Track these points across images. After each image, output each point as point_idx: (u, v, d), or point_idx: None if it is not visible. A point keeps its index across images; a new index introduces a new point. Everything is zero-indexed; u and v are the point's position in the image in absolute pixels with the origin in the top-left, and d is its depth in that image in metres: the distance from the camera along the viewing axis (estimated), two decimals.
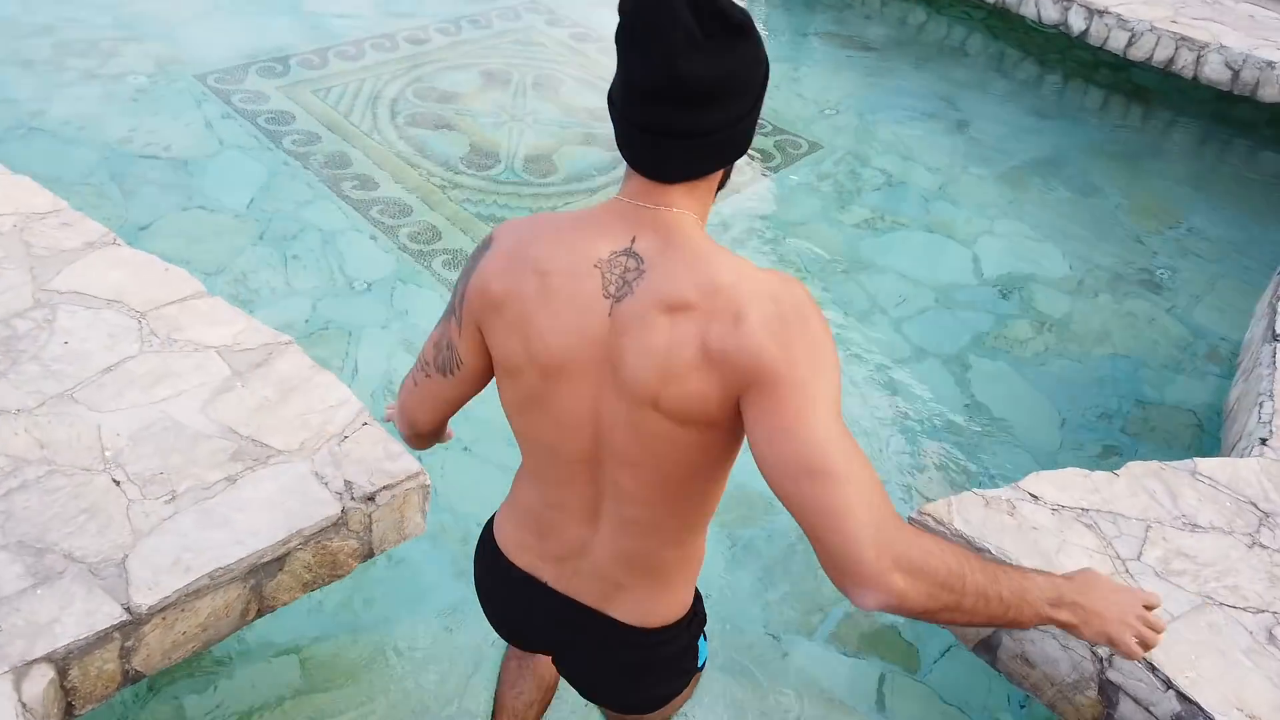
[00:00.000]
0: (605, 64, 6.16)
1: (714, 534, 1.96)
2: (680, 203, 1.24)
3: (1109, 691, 1.92)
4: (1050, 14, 6.11)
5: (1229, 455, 2.74)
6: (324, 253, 4.27)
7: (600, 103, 5.64)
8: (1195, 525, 2.21)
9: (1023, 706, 2.57)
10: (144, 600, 1.92)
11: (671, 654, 1.55)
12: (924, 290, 4.49)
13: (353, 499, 2.21)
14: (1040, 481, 2.30)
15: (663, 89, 1.13)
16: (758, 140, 5.52)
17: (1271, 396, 2.63)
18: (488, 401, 1.56)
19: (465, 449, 3.39)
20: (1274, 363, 2.77)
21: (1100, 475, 2.35)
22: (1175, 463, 2.42)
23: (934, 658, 2.74)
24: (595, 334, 1.24)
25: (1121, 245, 4.96)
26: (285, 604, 2.19)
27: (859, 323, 4.21)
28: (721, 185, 1.32)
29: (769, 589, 2.96)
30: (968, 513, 2.18)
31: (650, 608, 1.48)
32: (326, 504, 2.18)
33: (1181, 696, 1.83)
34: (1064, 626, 1.26)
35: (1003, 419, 3.83)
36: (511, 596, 1.59)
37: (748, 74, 1.18)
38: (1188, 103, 6.02)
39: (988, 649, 2.13)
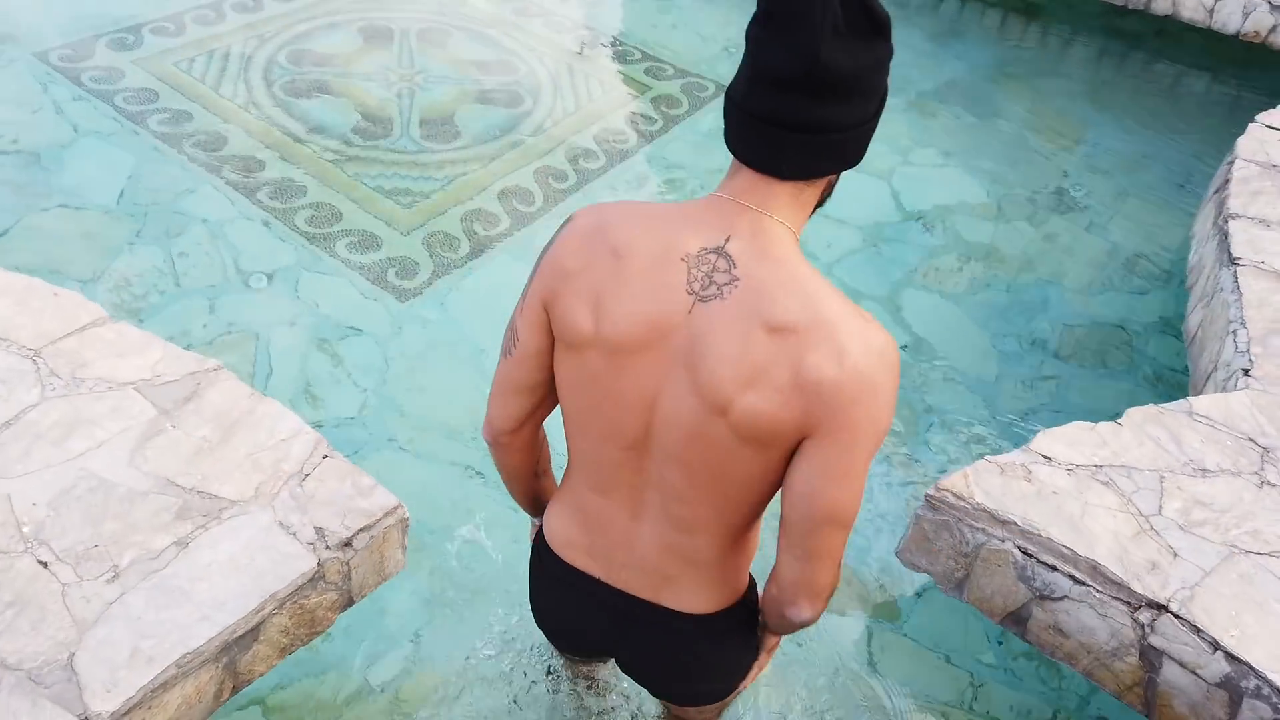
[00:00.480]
0: (490, 12, 5.77)
1: None
2: (783, 209, 1.21)
3: (1151, 656, 1.89)
4: None
5: (1202, 384, 2.76)
6: (213, 246, 3.86)
7: (492, 54, 5.29)
8: (1205, 470, 2.20)
9: (1000, 643, 2.55)
10: (104, 706, 1.65)
11: (729, 641, 1.52)
12: (850, 230, 4.42)
13: (328, 547, 1.96)
14: (1050, 440, 2.24)
15: (801, 77, 1.11)
16: (663, 86, 5.30)
17: (1244, 324, 2.65)
18: (429, 391, 1.36)
19: (401, 448, 3.15)
20: (1237, 288, 2.79)
21: (1105, 426, 2.31)
22: (1171, 405, 2.41)
23: (910, 605, 2.70)
24: (671, 325, 1.22)
25: (1033, 167, 4.99)
26: (262, 674, 1.94)
27: None
28: (822, 202, 1.29)
29: None
30: (986, 483, 2.10)
31: (703, 595, 1.45)
32: (299, 558, 1.93)
33: (1230, 657, 1.81)
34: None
35: (944, 355, 3.82)
36: (565, 596, 1.55)
37: (880, 75, 1.20)
38: (1078, 17, 6.07)
39: (1016, 622, 2.08)
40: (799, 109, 1.13)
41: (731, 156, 1.25)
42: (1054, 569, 1.98)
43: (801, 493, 1.19)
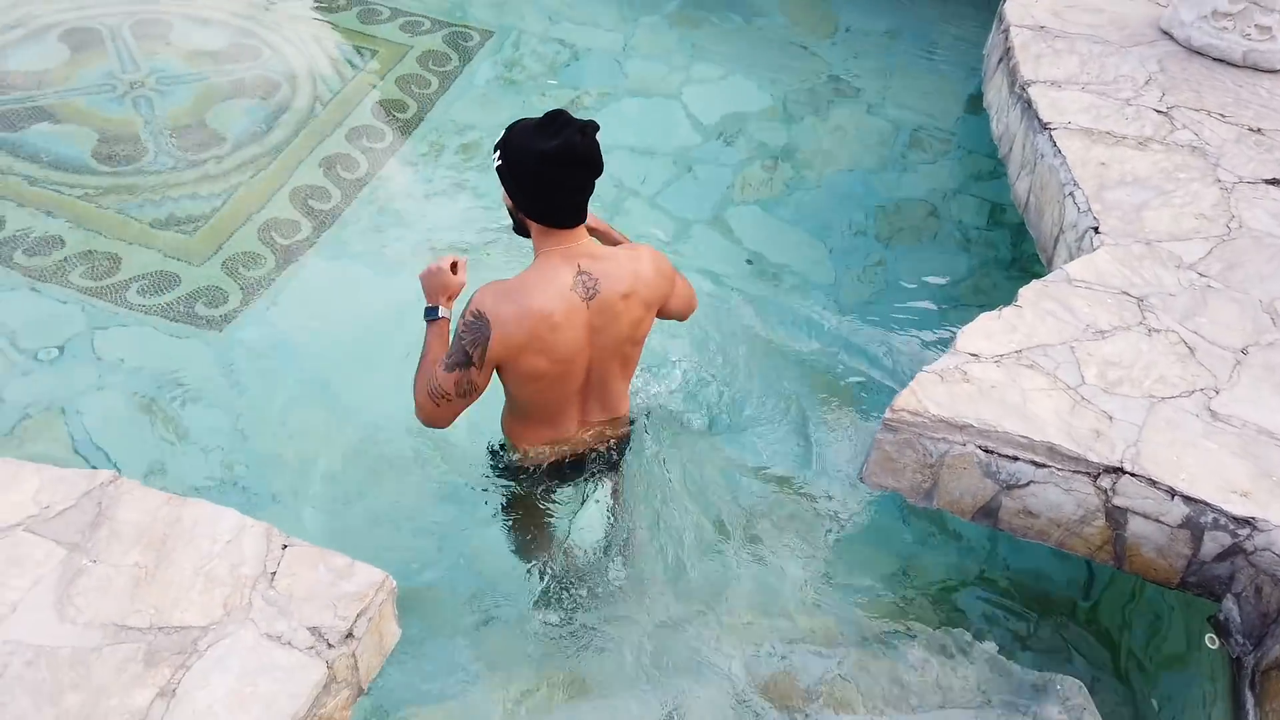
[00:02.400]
0: None
1: None
2: (585, 234, 2.18)
3: (1116, 516, 2.11)
4: None
5: (1051, 246, 3.04)
6: None
7: (225, 41, 4.76)
8: (1102, 331, 2.44)
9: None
10: None
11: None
12: (660, 159, 4.44)
13: (330, 645, 1.79)
14: (969, 337, 2.40)
15: (598, 168, 2.08)
16: (425, 41, 5.00)
17: (1077, 184, 2.92)
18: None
19: (295, 503, 2.91)
20: (1059, 151, 3.06)
21: (1009, 311, 2.50)
22: (1050, 277, 2.64)
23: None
24: (585, 325, 2.15)
25: (803, 61, 5.18)
26: None
27: (617, 212, 4.08)
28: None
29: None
30: (933, 395, 2.23)
31: (625, 404, 2.47)
32: (304, 667, 1.75)
33: (1187, 499, 2.05)
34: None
35: (783, 264, 3.97)
36: (562, 461, 2.45)
37: None
38: None
39: (986, 514, 2.25)
40: (589, 187, 2.10)
41: (538, 224, 2.14)
42: (1015, 459, 2.15)
43: (679, 308, 2.38)
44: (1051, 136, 3.15)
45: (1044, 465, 2.15)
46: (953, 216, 4.23)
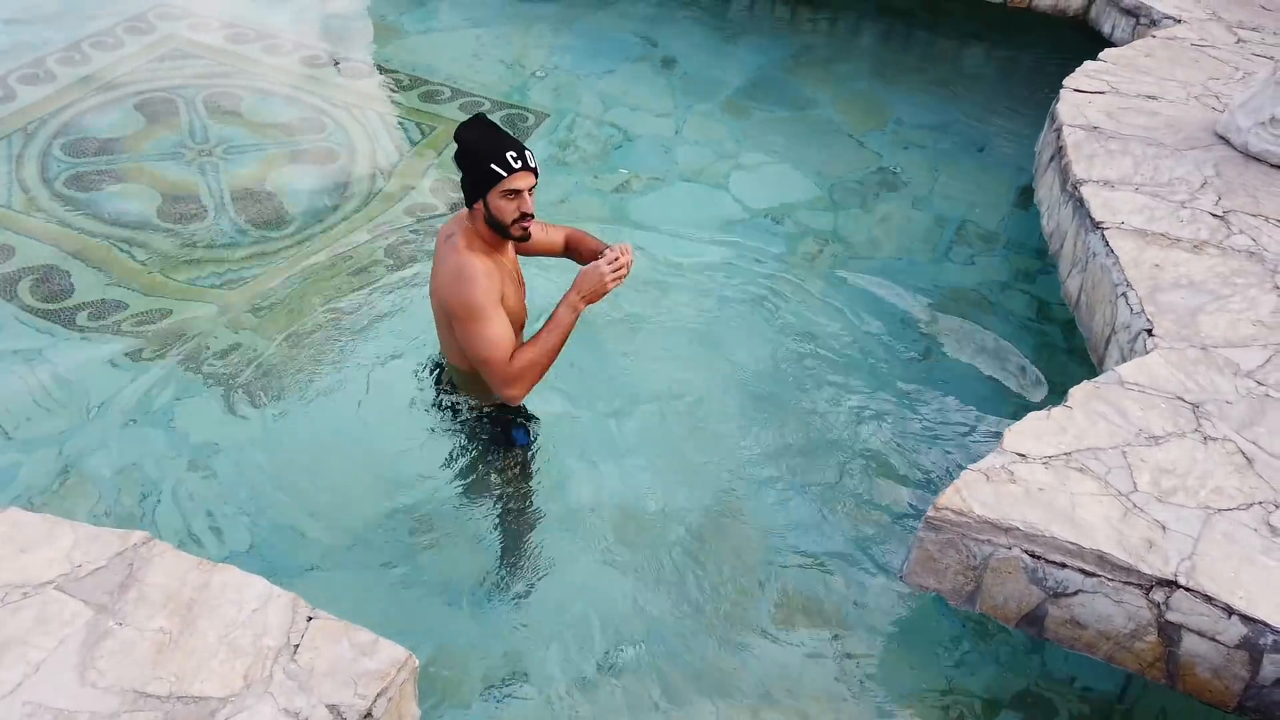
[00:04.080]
0: (273, 62, 5.38)
1: None
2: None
3: (1169, 632, 2.02)
4: None
5: (1102, 346, 2.98)
6: (37, 386, 3.38)
7: (293, 114, 4.93)
8: (1155, 437, 2.37)
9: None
10: None
11: None
12: (705, 242, 4.45)
13: None
14: (1017, 436, 2.34)
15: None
16: (492, 118, 5.12)
17: (1130, 285, 2.88)
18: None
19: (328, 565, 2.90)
20: (1111, 251, 3.03)
21: (1058, 412, 2.44)
22: (1101, 378, 2.58)
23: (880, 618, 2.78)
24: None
25: (851, 152, 5.22)
26: None
27: (664, 293, 4.09)
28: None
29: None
30: (979, 494, 2.17)
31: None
32: None
33: (1245, 618, 1.96)
34: (585, 307, 2.61)
35: (825, 349, 3.93)
36: None
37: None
38: (853, 1, 6.41)
39: (1031, 623, 2.17)
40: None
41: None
42: (1064, 566, 2.08)
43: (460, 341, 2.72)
44: (1104, 236, 3.12)
45: (1093, 574, 2.07)
46: (1002, 311, 4.18)
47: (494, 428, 2.92)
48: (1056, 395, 2.71)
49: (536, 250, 2.96)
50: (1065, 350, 3.79)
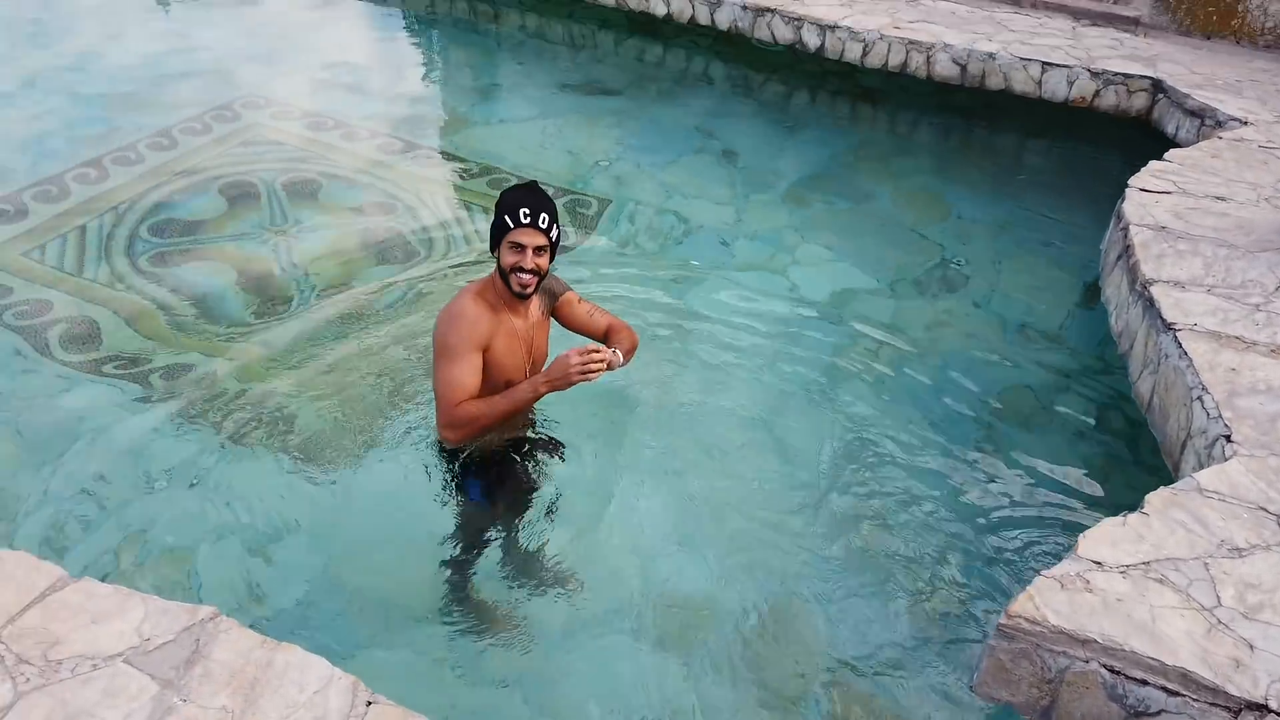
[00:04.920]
0: (348, 149, 5.61)
1: None
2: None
3: None
4: (784, 34, 6.36)
5: (1178, 452, 2.91)
6: (116, 458, 3.45)
7: (366, 198, 5.11)
8: (1238, 549, 2.29)
9: None
10: None
11: None
12: (763, 333, 4.45)
13: None
14: (1092, 543, 2.28)
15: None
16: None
17: (1206, 389, 2.82)
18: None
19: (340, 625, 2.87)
20: (1185, 354, 2.98)
21: (1135, 519, 2.38)
22: (1179, 485, 2.52)
23: None
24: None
25: (912, 246, 5.23)
26: None
27: (721, 385, 4.08)
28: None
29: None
30: (1053, 602, 2.11)
31: None
32: None
33: None
34: (547, 391, 2.78)
35: (885, 447, 3.87)
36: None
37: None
38: (913, 98, 6.50)
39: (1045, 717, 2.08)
40: None
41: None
42: (1145, 683, 1.99)
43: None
44: (1176, 338, 3.07)
45: (1177, 694, 1.99)
46: (1066, 410, 4.10)
47: (449, 464, 3.06)
48: (1129, 500, 2.63)
49: (579, 328, 3.13)
50: (1134, 453, 3.70)
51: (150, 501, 3.28)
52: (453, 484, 3.08)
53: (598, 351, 2.68)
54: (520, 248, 2.73)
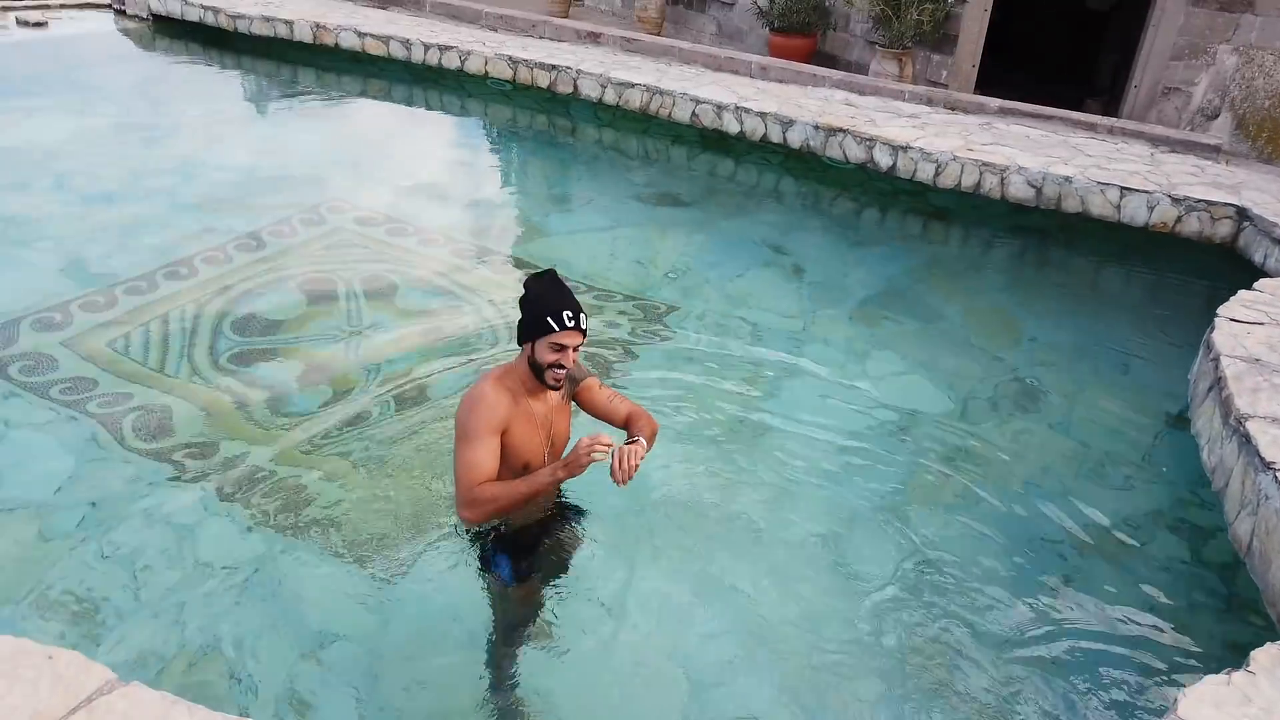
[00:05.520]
0: (426, 253, 5.75)
1: None
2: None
3: None
4: (856, 153, 6.44)
5: (1278, 599, 2.73)
6: (177, 550, 3.46)
7: (438, 301, 5.21)
8: None
9: None
10: None
11: None
12: (830, 447, 4.35)
13: None
14: (1193, 703, 2.11)
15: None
16: (616, 309, 5.29)
17: None
18: None
19: None
20: None
21: (1240, 678, 2.21)
22: None
23: None
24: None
25: (984, 367, 5.12)
26: None
27: (786, 497, 3.98)
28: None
29: None
30: None
31: None
32: None
33: None
34: (565, 477, 2.86)
35: (956, 577, 3.69)
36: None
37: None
38: (984, 217, 6.49)
39: None
40: None
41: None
42: None
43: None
44: (1277, 478, 2.91)
45: None
46: (1152, 548, 3.88)
47: (478, 545, 3.13)
48: (1225, 653, 2.45)
49: (599, 414, 3.22)
50: (1229, 597, 3.47)
51: (200, 596, 3.26)
52: (481, 563, 3.13)
53: (609, 450, 2.77)
54: (562, 348, 2.86)
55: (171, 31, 10.51)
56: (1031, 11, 10.81)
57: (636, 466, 2.79)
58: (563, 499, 3.36)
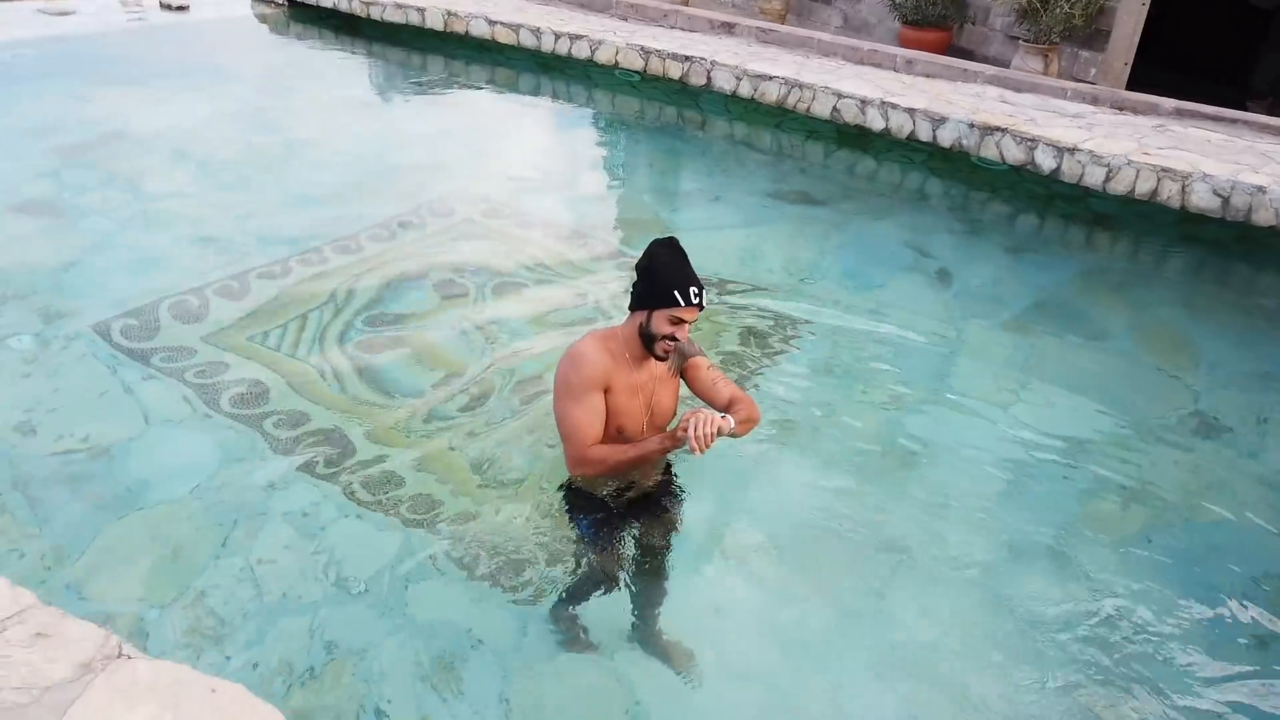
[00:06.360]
0: (552, 248, 5.58)
1: None
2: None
3: None
4: (1014, 154, 6.00)
5: None
6: (307, 549, 3.35)
7: (565, 294, 5.03)
8: None
9: None
10: None
11: None
12: (985, 474, 3.98)
13: None
14: None
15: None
16: (755, 322, 5.00)
17: None
18: None
19: None
20: None
21: None
22: None
23: None
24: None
25: (1157, 390, 4.66)
26: None
27: (937, 530, 3.64)
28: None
29: None
30: None
31: None
32: None
33: None
34: (672, 447, 2.94)
35: (1140, 622, 3.31)
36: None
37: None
38: (1152, 227, 5.96)
39: None
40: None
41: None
42: None
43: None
44: None
45: None
46: None
47: (565, 493, 3.22)
48: None
49: (701, 393, 3.20)
50: None
51: (337, 608, 3.14)
52: (569, 513, 3.21)
53: (710, 416, 2.76)
54: (680, 322, 2.89)
55: (306, 17, 10.68)
56: (1188, 7, 10.03)
57: (713, 436, 2.72)
58: (672, 480, 3.29)
